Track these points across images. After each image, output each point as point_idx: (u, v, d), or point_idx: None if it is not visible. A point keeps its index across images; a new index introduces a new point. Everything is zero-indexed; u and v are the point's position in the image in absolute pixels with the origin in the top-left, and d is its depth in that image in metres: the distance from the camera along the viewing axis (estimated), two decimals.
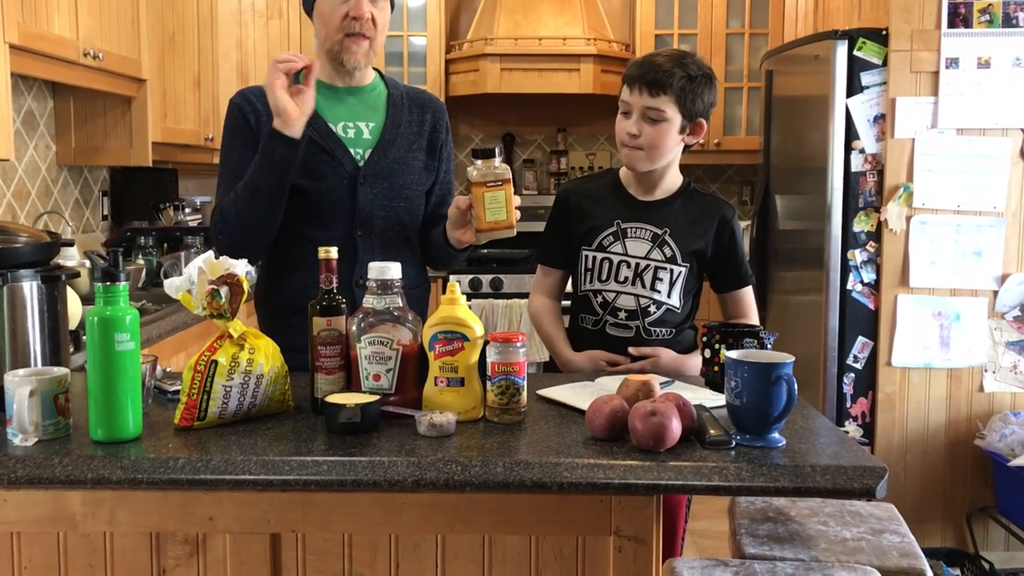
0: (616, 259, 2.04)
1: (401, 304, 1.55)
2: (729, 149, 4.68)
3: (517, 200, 1.81)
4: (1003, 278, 3.17)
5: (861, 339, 3.25)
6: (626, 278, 2.03)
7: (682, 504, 2.03)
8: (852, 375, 3.27)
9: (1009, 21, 3.08)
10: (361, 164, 2.00)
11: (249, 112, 2.00)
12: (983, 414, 3.22)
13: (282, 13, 4.55)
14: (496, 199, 1.78)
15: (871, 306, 3.24)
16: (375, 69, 2.12)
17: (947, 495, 3.27)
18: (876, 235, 3.22)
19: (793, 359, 1.42)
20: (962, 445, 3.24)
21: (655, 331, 2.03)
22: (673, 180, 2.08)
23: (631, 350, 2.00)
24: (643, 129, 1.96)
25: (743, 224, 4.50)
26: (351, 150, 2.00)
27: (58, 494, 1.35)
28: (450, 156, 2.18)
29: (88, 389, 1.39)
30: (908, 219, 3.17)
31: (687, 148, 2.05)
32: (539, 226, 2.24)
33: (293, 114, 1.83)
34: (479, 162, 1.78)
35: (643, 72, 1.95)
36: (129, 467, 1.32)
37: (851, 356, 3.26)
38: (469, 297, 4.16)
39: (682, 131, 1.99)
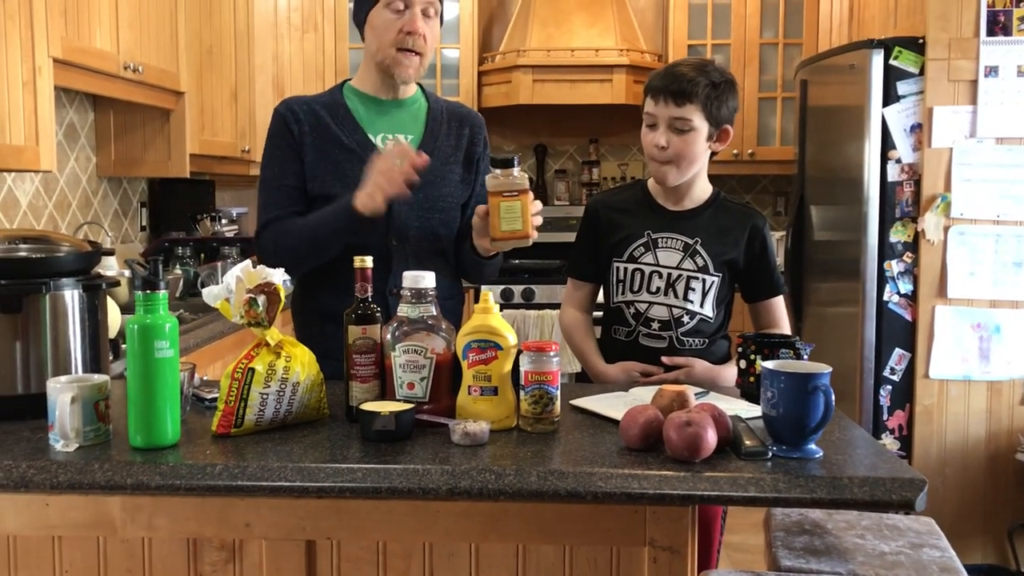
0: (648, 270, 2.03)
1: (435, 313, 1.56)
2: (763, 159, 4.65)
3: (537, 207, 1.80)
4: None
5: (898, 351, 3.21)
6: (658, 288, 2.02)
7: (717, 516, 2.01)
8: (889, 387, 3.22)
9: None
10: None
11: (292, 123, 2.02)
12: None
13: (317, 27, 4.60)
14: (512, 209, 1.77)
15: (908, 317, 3.20)
16: (417, 83, 2.14)
17: (988, 510, 3.21)
18: (913, 246, 3.18)
19: (831, 369, 1.40)
20: (1003, 459, 3.18)
21: (688, 341, 2.02)
22: (703, 189, 2.08)
23: (664, 360, 1.99)
24: (671, 140, 1.96)
25: (778, 235, 4.48)
26: None
27: (98, 499, 1.37)
28: (487, 170, 2.17)
29: (128, 396, 1.41)
30: (946, 229, 3.13)
31: (713, 155, 2.05)
32: (571, 236, 2.24)
33: (381, 208, 1.85)
34: (497, 171, 1.76)
35: (667, 82, 1.95)
36: (167, 473, 1.33)
37: (888, 368, 3.22)
38: (501, 307, 4.20)
39: (709, 138, 1.98)
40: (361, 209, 1.86)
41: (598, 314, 2.16)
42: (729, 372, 1.98)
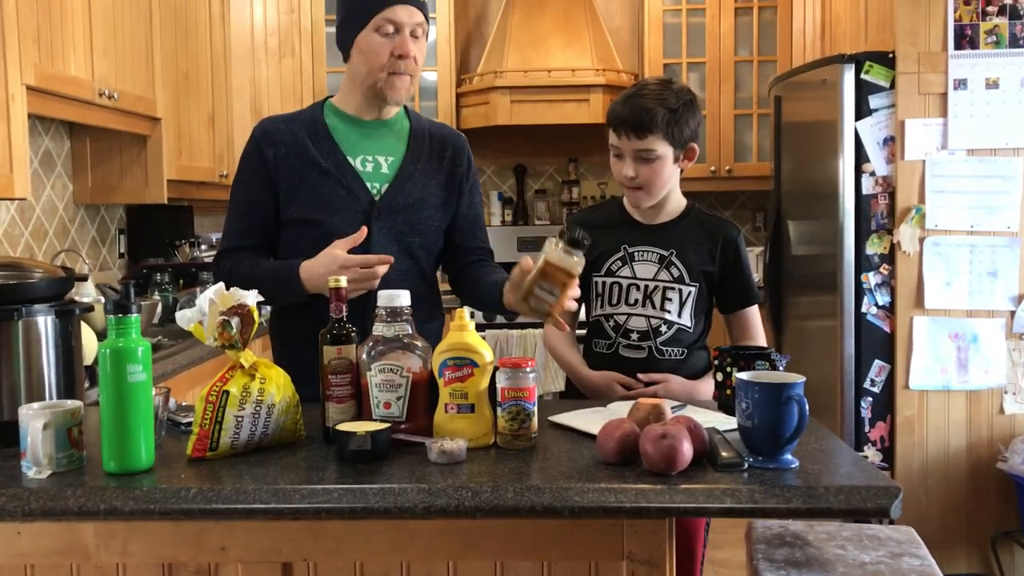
0: (625, 283, 2.05)
1: (411, 331, 1.56)
2: (741, 176, 4.69)
3: (575, 293, 1.69)
4: (1020, 298, 3.14)
5: (878, 362, 3.23)
6: (636, 300, 2.04)
7: (700, 529, 2.01)
8: (870, 399, 3.24)
9: (1016, 42, 3.09)
10: (377, 198, 2.00)
11: (267, 146, 2.01)
12: (1004, 436, 3.18)
13: (295, 51, 4.62)
14: (553, 290, 1.65)
15: (887, 329, 3.22)
16: None
17: (970, 519, 3.22)
18: (889, 257, 3.21)
19: (804, 379, 1.41)
20: (984, 468, 3.20)
21: (667, 351, 2.04)
22: (677, 203, 2.10)
23: (641, 376, 2.00)
24: (639, 170, 2.00)
25: (756, 250, 4.51)
26: (367, 184, 2.00)
27: (71, 526, 1.36)
28: (474, 189, 2.17)
29: (101, 420, 1.40)
30: (921, 241, 3.16)
31: (683, 171, 2.08)
32: None
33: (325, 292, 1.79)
34: (561, 244, 1.63)
35: (627, 115, 1.97)
36: (141, 498, 1.32)
37: (868, 380, 3.24)
38: (483, 327, 4.19)
39: (676, 160, 2.03)
40: (306, 283, 1.88)
41: (581, 332, 2.17)
42: (706, 386, 1.99)
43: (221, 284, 1.52)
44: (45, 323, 1.62)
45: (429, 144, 2.09)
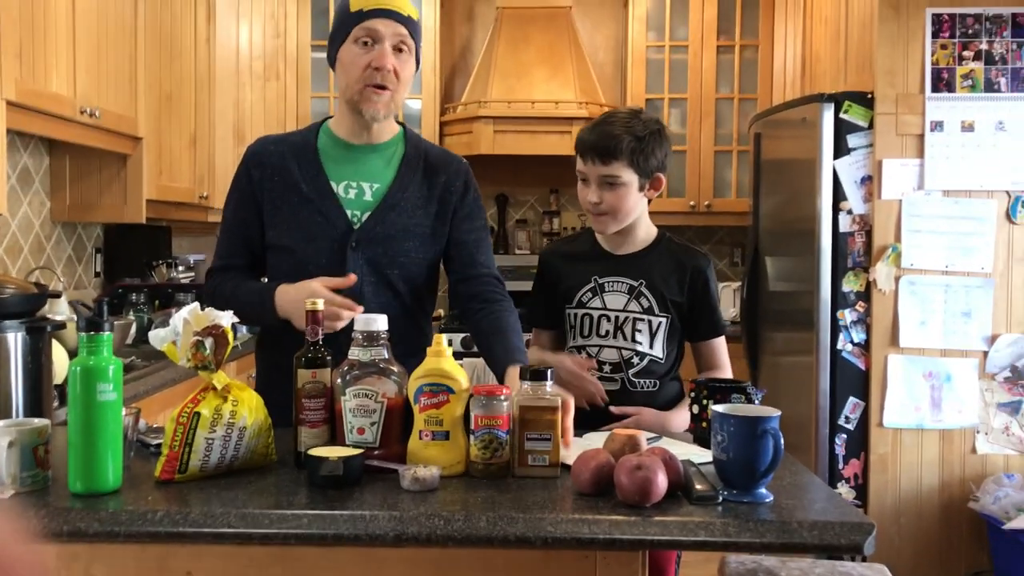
0: (596, 314, 2.05)
1: (387, 356, 1.55)
2: (719, 211, 4.72)
3: (569, 423, 1.59)
4: (993, 339, 3.17)
5: (852, 400, 3.25)
6: (607, 331, 2.04)
7: (671, 562, 2.00)
8: (844, 436, 3.25)
9: (991, 86, 3.15)
10: (356, 227, 1.92)
11: (254, 167, 1.96)
12: (976, 476, 3.20)
13: (279, 75, 4.63)
14: (544, 436, 1.50)
15: (862, 366, 3.24)
16: (400, 124, 2.06)
17: (943, 558, 3.23)
18: (865, 295, 3.23)
19: (779, 413, 1.41)
20: (956, 507, 3.21)
21: (640, 383, 2.04)
22: (646, 232, 2.11)
23: (613, 410, 1.99)
24: (603, 196, 2.00)
25: (733, 286, 4.54)
26: (347, 212, 1.93)
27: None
28: (473, 215, 2.06)
29: (68, 439, 1.37)
30: (897, 279, 3.19)
31: (650, 201, 2.09)
32: (531, 286, 2.25)
33: (299, 323, 1.74)
34: (527, 385, 1.54)
35: (593, 141, 1.98)
36: (106, 520, 1.30)
37: (843, 417, 3.25)
38: (461, 356, 4.18)
39: (641, 188, 2.02)
40: (279, 309, 1.85)
41: None
42: (677, 417, 1.99)
43: (196, 304, 1.50)
44: (15, 339, 1.60)
45: (422, 171, 2.00)
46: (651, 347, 2.04)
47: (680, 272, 2.06)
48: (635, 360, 2.03)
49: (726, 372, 2.09)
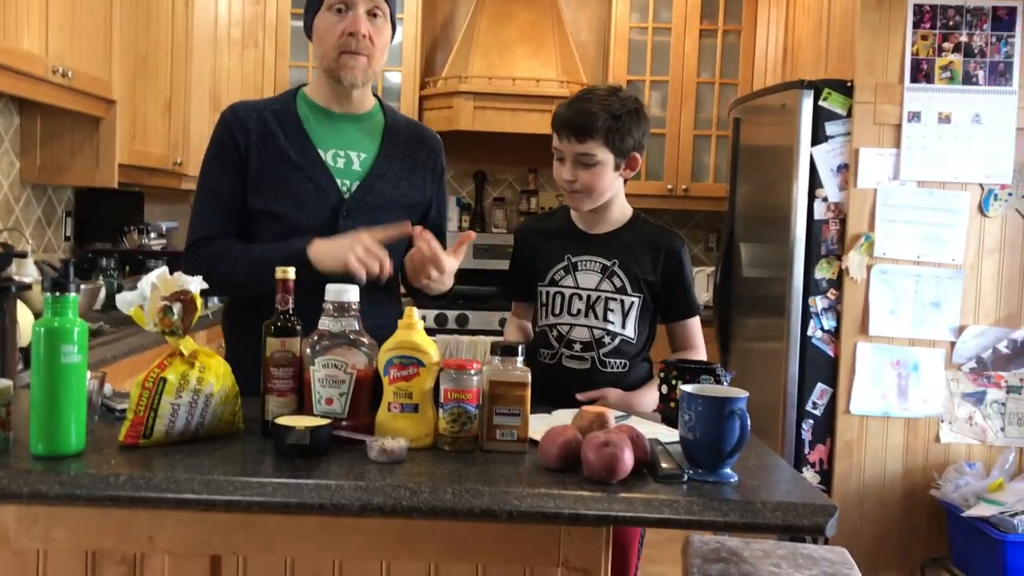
0: (568, 292, 2.05)
1: (357, 327, 1.54)
2: (696, 196, 4.73)
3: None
4: (960, 330, 3.21)
5: (820, 386, 3.28)
6: (579, 310, 2.04)
7: (635, 539, 2.01)
8: (811, 422, 3.28)
9: (969, 79, 3.17)
10: (347, 196, 1.93)
11: (238, 132, 1.93)
12: (939, 464, 3.24)
13: (258, 43, 4.57)
14: (513, 411, 1.51)
15: (831, 353, 3.27)
16: (376, 97, 2.07)
17: (902, 544, 3.28)
18: (837, 283, 3.26)
19: (747, 395, 1.42)
20: (918, 494, 3.26)
21: (610, 362, 2.03)
22: (621, 212, 2.10)
23: (579, 396, 1.97)
24: (578, 174, 1.98)
25: (707, 270, 4.56)
26: (338, 181, 1.93)
27: None
28: (443, 200, 2.12)
29: (31, 401, 1.35)
30: (869, 268, 3.21)
31: (627, 180, 2.07)
32: (507, 264, 2.25)
33: (338, 271, 1.75)
34: (497, 360, 1.53)
35: (569, 119, 1.96)
36: (68, 482, 1.28)
37: (810, 403, 3.28)
38: (434, 332, 4.17)
39: (616, 168, 2.00)
40: (315, 261, 1.78)
41: None
42: (644, 397, 1.99)
43: (164, 269, 1.48)
44: None
45: (404, 143, 2.02)
46: (623, 327, 2.04)
47: (654, 252, 2.06)
48: (606, 340, 2.03)
49: (700, 353, 2.09)
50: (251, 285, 1.85)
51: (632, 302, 2.03)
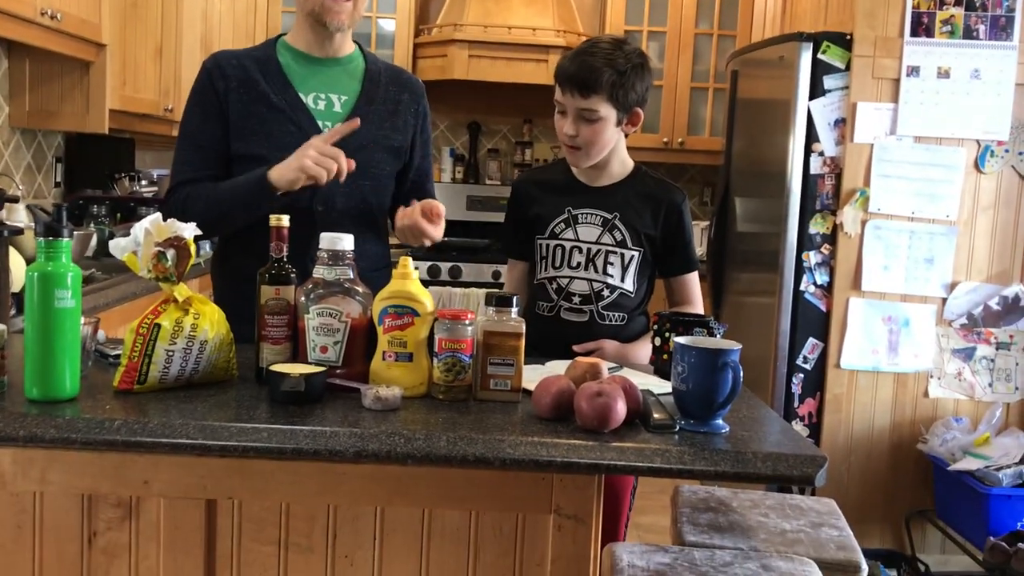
0: (568, 245, 2.04)
1: (352, 276, 1.54)
2: (692, 149, 4.71)
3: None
4: (952, 286, 3.22)
5: (812, 340, 3.29)
6: (579, 263, 2.04)
7: (627, 489, 2.04)
8: (801, 375, 3.30)
9: (970, 33, 3.14)
10: None
11: (218, 79, 1.96)
12: (927, 419, 3.28)
13: None
14: (506, 362, 1.51)
15: (823, 308, 3.28)
16: (356, 42, 2.08)
17: (888, 497, 3.32)
18: (831, 238, 3.26)
19: (740, 347, 1.43)
20: (905, 448, 3.30)
21: (608, 315, 2.04)
22: (622, 165, 2.09)
23: (575, 348, 1.98)
24: (580, 129, 1.97)
25: (702, 224, 4.55)
26: (319, 122, 1.96)
27: None
28: (427, 142, 2.14)
29: (25, 346, 1.35)
30: (863, 223, 3.21)
31: (628, 135, 2.06)
32: (500, 216, 2.25)
33: (296, 186, 1.81)
34: (491, 311, 1.52)
35: (573, 73, 1.94)
36: (63, 426, 1.29)
37: (801, 357, 3.30)
38: (428, 283, 4.17)
39: (619, 123, 1.99)
40: (275, 181, 1.81)
41: None
42: (639, 350, 2.00)
43: (158, 215, 1.47)
44: None
45: (385, 86, 2.05)
46: (622, 280, 2.04)
47: (655, 206, 2.05)
48: (605, 293, 2.04)
49: (697, 308, 2.10)
50: (224, 222, 1.92)
51: (632, 256, 2.03)
